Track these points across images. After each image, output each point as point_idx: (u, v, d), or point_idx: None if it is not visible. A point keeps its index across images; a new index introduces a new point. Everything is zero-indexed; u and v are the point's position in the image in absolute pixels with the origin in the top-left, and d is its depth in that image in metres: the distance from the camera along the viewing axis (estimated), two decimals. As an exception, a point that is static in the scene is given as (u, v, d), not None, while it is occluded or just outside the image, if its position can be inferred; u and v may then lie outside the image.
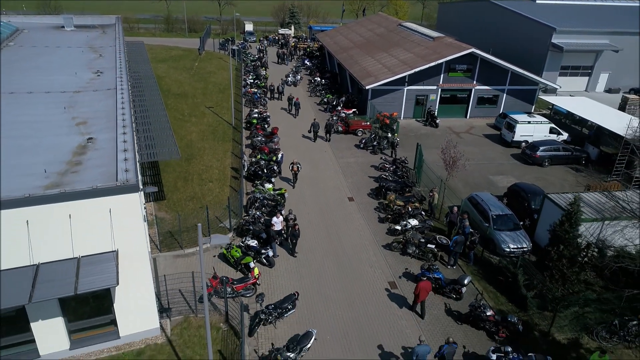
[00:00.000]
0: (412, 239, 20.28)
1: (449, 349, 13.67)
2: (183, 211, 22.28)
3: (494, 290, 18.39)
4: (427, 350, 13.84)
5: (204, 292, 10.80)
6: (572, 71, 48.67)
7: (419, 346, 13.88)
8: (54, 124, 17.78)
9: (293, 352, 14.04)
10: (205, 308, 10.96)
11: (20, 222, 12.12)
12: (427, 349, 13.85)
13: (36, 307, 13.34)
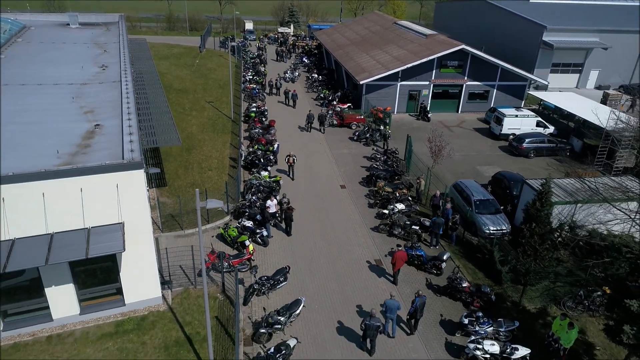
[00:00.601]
0: (397, 221, 21.62)
1: (420, 300, 15.25)
2: (184, 196, 23.64)
3: (473, 267, 19.74)
4: (396, 304, 15.35)
5: (201, 246, 12.11)
6: (563, 68, 49.93)
7: (389, 300, 15.47)
8: (63, 112, 19.15)
9: (283, 316, 15.40)
10: (203, 271, 12.28)
11: (37, 194, 13.51)
12: (397, 304, 15.37)
13: (50, 274, 14.77)
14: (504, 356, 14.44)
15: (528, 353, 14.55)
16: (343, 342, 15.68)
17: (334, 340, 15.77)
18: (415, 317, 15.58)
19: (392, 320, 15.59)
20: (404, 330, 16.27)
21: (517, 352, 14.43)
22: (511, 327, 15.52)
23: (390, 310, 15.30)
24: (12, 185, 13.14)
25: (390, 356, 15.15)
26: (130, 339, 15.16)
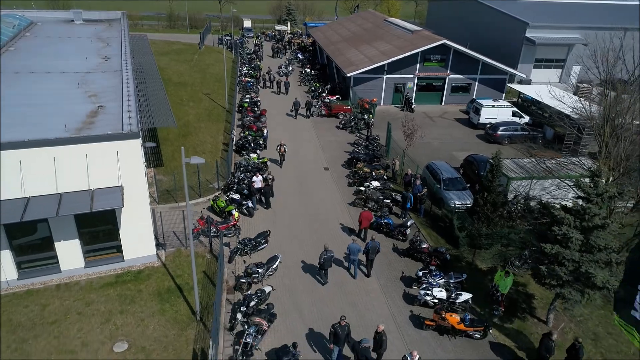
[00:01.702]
0: (371, 196, 23.88)
1: (372, 244, 18.03)
2: (178, 174, 25.94)
3: (436, 235, 22.00)
4: (357, 247, 18.12)
5: (187, 202, 14.36)
6: (545, 64, 52.06)
7: (351, 244, 18.24)
8: (69, 96, 21.45)
9: (261, 268, 17.70)
10: (189, 226, 14.56)
11: (49, 159, 15.83)
12: (358, 247, 18.17)
13: (59, 231, 17.08)
14: (449, 301, 16.67)
15: (469, 297, 16.80)
16: (313, 291, 17.94)
17: (304, 289, 18.04)
18: (368, 258, 18.48)
19: (354, 263, 18.36)
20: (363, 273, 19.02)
21: (460, 297, 16.68)
22: (459, 278, 17.76)
23: (352, 252, 18.11)
24: (28, 150, 15.47)
25: (355, 304, 17.37)
26: (128, 287, 17.47)
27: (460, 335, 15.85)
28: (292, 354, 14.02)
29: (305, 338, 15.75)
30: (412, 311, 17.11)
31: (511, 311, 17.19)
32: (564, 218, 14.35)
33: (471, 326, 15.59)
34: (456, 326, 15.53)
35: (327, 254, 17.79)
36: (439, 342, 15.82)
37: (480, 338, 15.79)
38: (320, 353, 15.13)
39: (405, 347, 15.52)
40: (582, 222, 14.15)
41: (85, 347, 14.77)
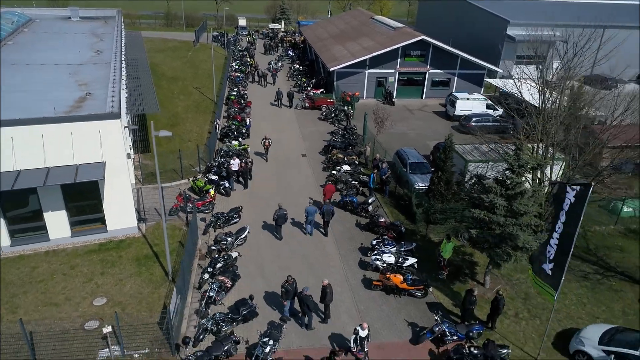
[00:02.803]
0: (341, 178, 25.73)
1: (327, 207, 20.45)
2: (164, 160, 27.82)
3: (397, 212, 23.82)
4: (313, 209, 20.82)
5: (157, 177, 16.21)
6: (527, 60, 53.70)
7: (308, 206, 20.89)
8: (61, 84, 23.35)
9: (230, 237, 19.57)
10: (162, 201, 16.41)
11: (37, 136, 17.73)
12: (314, 209, 20.90)
13: (48, 203, 18.98)
14: (397, 265, 18.50)
15: (415, 262, 18.67)
16: (278, 258, 19.79)
17: (270, 256, 19.91)
18: (324, 219, 21.18)
19: (310, 223, 21.02)
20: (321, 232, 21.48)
21: (407, 262, 18.53)
22: (409, 247, 19.58)
23: (309, 213, 20.69)
24: (19, 127, 17.38)
25: (315, 270, 19.19)
26: (110, 254, 19.38)
27: (404, 294, 17.67)
28: (249, 305, 15.90)
29: (266, 296, 17.59)
30: (364, 275, 18.94)
31: (455, 275, 18.99)
32: (492, 187, 16.17)
33: (413, 285, 17.41)
34: (399, 285, 17.35)
35: (280, 212, 20.51)
36: (385, 300, 17.65)
37: (421, 297, 17.62)
38: (276, 307, 16.97)
39: (354, 305, 17.38)
40: (506, 190, 15.97)
41: (68, 301, 16.67)
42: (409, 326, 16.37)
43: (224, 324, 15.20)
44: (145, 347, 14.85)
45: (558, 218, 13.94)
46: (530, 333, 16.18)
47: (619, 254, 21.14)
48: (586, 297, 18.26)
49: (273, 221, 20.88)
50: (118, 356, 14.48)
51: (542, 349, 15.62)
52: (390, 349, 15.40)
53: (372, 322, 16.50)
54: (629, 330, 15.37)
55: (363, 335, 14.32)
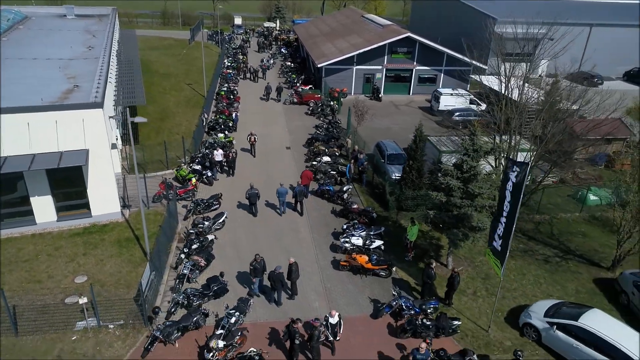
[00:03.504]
0: (320, 168, 26.70)
1: (299, 188, 21.75)
2: (152, 152, 28.83)
3: (372, 200, 24.79)
4: (285, 190, 22.06)
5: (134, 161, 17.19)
6: (515, 58, 54.51)
7: (280, 188, 22.01)
8: (51, 77, 24.35)
9: (207, 221, 20.56)
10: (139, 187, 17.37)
11: (23, 124, 18.73)
12: (285, 190, 22.08)
13: (34, 188, 19.98)
14: (365, 247, 19.44)
15: (382, 244, 19.62)
16: (254, 242, 20.75)
17: (246, 239, 20.86)
18: (297, 200, 22.64)
19: (283, 203, 22.42)
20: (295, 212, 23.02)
21: (374, 244, 19.47)
22: (378, 231, 20.51)
23: (280, 194, 22.10)
24: (5, 115, 18.39)
25: (288, 252, 20.12)
26: (93, 237, 20.39)
27: (369, 274, 18.62)
28: (220, 281, 16.89)
29: (238, 275, 18.56)
30: (335, 257, 19.89)
31: (421, 257, 19.93)
32: (448, 170, 17.12)
33: (377, 265, 18.36)
34: (365, 265, 18.31)
35: (251, 191, 22.41)
36: (351, 280, 18.62)
37: (385, 276, 18.57)
38: (247, 285, 17.94)
39: (322, 283, 18.35)
40: (462, 173, 16.91)
41: (50, 279, 17.68)
42: (371, 303, 17.31)
43: (195, 299, 16.18)
44: (120, 319, 15.83)
45: (505, 197, 14.85)
46: (485, 309, 17.11)
47: (581, 239, 22.05)
48: (543, 277, 19.18)
49: (246, 199, 22.52)
50: (94, 327, 15.47)
51: (496, 324, 16.56)
52: (351, 323, 16.35)
53: (336, 299, 17.52)
54: (572, 304, 16.29)
55: (333, 322, 14.78)
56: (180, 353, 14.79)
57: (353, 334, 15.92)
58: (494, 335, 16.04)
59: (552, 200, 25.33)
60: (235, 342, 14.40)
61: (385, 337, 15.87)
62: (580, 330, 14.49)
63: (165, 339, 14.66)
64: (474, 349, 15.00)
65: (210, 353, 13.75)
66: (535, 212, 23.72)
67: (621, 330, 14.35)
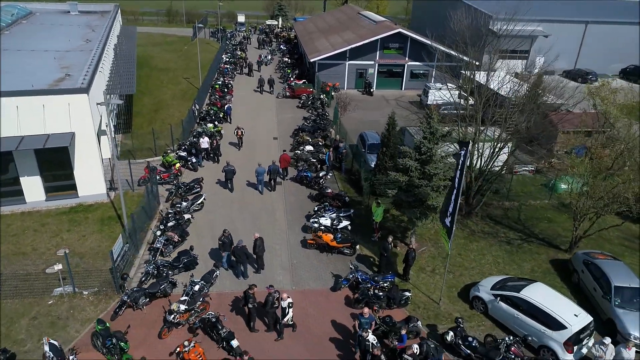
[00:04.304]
0: (301, 156, 27.71)
1: (273, 166, 23.41)
2: (143, 140, 30.05)
3: (349, 186, 25.73)
4: (262, 170, 23.68)
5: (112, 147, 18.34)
6: (510, 55, 55.03)
7: (258, 167, 23.65)
8: (45, 67, 25.64)
9: (185, 202, 21.67)
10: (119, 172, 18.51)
11: (13, 107, 20.01)
12: (263, 170, 23.58)
13: (24, 169, 21.26)
14: (333, 227, 20.37)
15: (348, 224, 20.59)
16: (230, 222, 21.80)
17: (222, 221, 21.91)
18: (271, 178, 24.48)
19: (260, 182, 23.98)
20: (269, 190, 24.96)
21: (341, 224, 20.41)
22: (347, 213, 21.46)
23: (258, 173, 23.71)
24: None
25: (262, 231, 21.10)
26: (78, 215, 21.64)
27: (335, 251, 19.57)
28: (190, 255, 17.97)
29: (211, 252, 19.62)
30: (305, 237, 20.86)
31: (385, 237, 20.75)
32: (407, 152, 18.02)
33: (341, 243, 19.32)
34: (330, 243, 19.26)
35: (227, 167, 24.31)
36: (317, 257, 19.59)
37: (350, 254, 19.51)
38: (217, 259, 18.96)
39: (289, 259, 19.37)
40: (420, 155, 17.79)
41: (34, 251, 18.94)
42: (333, 277, 18.26)
43: (165, 269, 17.27)
44: (95, 287, 16.99)
45: (456, 177, 15.69)
46: (441, 285, 17.93)
47: (546, 224, 22.77)
48: (502, 257, 19.96)
49: (222, 172, 24.56)
50: (70, 293, 16.64)
51: (449, 298, 17.43)
52: (311, 295, 17.34)
53: (300, 274, 18.52)
54: (519, 279, 17.08)
55: (284, 305, 15.12)
56: (147, 317, 15.89)
57: (312, 305, 16.90)
58: (445, 308, 16.89)
59: (526, 189, 26.05)
60: (197, 307, 15.46)
61: (342, 308, 16.81)
62: (521, 301, 15.29)
63: (133, 303, 15.78)
64: (424, 319, 15.90)
65: (172, 315, 14.82)
66: (506, 199, 24.45)
67: (559, 301, 15.11)
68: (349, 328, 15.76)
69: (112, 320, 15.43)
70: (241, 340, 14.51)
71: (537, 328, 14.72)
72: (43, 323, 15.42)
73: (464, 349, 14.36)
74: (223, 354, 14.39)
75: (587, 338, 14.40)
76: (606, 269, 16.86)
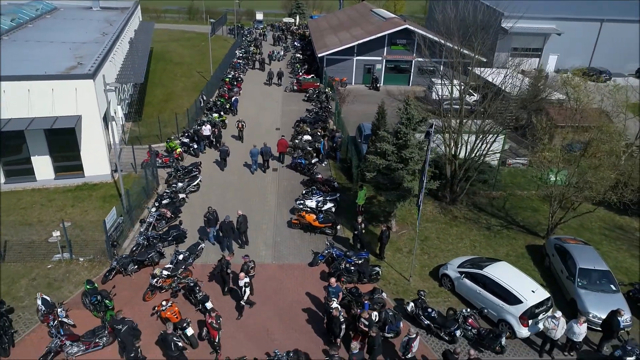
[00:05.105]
0: (298, 145, 28.79)
1: (265, 148, 24.95)
2: (151, 127, 31.65)
3: (342, 174, 26.68)
4: (256, 150, 25.29)
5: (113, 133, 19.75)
6: (522, 53, 54.85)
7: (252, 149, 25.27)
8: (60, 56, 27.40)
9: (181, 182, 23.02)
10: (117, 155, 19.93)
11: (24, 90, 21.71)
12: (257, 150, 25.28)
13: (35, 148, 22.97)
14: (318, 209, 21.36)
15: (332, 206, 21.54)
16: (222, 202, 23.03)
17: (216, 200, 23.14)
18: (264, 159, 26.08)
19: (255, 162, 25.55)
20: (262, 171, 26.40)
21: (325, 206, 21.39)
22: (333, 197, 22.41)
23: (252, 154, 25.38)
24: (9, 82, 21.39)
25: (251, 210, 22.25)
26: (83, 193, 23.26)
27: (317, 231, 20.56)
28: (179, 229, 19.25)
29: (201, 229, 20.85)
30: (291, 218, 21.92)
31: (370, 220, 21.66)
32: (384, 136, 18.87)
33: (323, 223, 20.29)
34: (312, 223, 20.28)
35: (222, 147, 26.61)
36: (301, 236, 20.63)
37: (331, 234, 20.46)
38: (205, 234, 20.17)
39: (273, 237, 20.48)
40: (397, 139, 18.62)
41: (40, 222, 20.57)
42: (312, 254, 19.25)
43: (154, 241, 18.58)
44: (90, 255, 18.45)
45: (427, 160, 16.48)
46: (415, 264, 18.73)
47: (530, 213, 23.22)
48: (479, 242, 20.59)
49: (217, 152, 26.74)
50: (67, 259, 18.13)
51: (421, 277, 18.22)
52: (289, 269, 18.40)
53: (282, 250, 19.62)
54: (486, 259, 17.72)
55: (240, 284, 15.53)
56: (134, 283, 17.22)
57: (288, 278, 17.96)
58: (414, 284, 17.68)
59: (516, 181, 26.48)
60: (180, 274, 16.69)
61: (316, 281, 17.81)
62: (484, 277, 15.98)
63: (123, 269, 17.13)
64: (393, 293, 16.75)
65: (155, 279, 16.10)
66: (493, 189, 24.97)
67: (518, 279, 15.74)
68: (320, 299, 16.73)
69: (102, 284, 16.81)
70: (216, 305, 15.67)
71: (496, 303, 15.40)
72: (41, 284, 16.91)
73: (424, 319, 15.16)
74: (200, 316, 15.57)
75: (544, 314, 14.99)
76: (574, 253, 17.36)
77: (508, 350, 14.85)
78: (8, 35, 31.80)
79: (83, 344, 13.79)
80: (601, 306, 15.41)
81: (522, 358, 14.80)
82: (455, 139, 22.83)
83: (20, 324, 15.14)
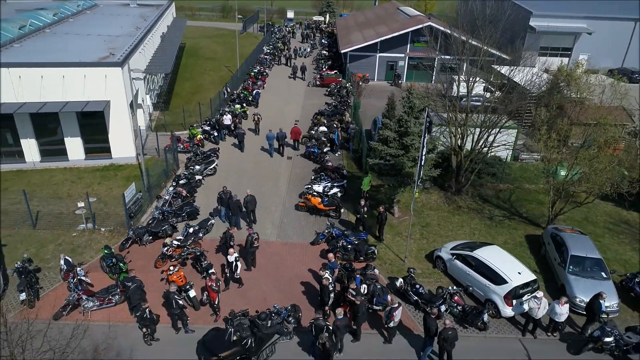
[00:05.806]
0: (313, 135, 29.89)
1: (281, 133, 26.85)
2: (177, 116, 33.45)
3: (353, 163, 27.62)
4: (272, 135, 26.85)
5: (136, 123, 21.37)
6: (551, 52, 54.14)
7: (268, 133, 26.79)
8: (95, 48, 29.47)
9: (199, 165, 24.52)
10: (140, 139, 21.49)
11: (59, 76, 23.69)
12: (273, 135, 26.73)
13: (68, 130, 24.98)
14: (324, 193, 22.37)
15: (338, 191, 22.48)
16: (238, 186, 24.35)
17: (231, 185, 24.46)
18: (280, 144, 27.76)
19: (271, 146, 27.66)
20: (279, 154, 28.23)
21: (331, 190, 22.36)
22: (341, 183, 23.35)
23: (268, 138, 27.08)
24: (46, 68, 23.41)
25: (263, 194, 23.46)
26: (109, 173, 25.12)
27: (322, 214, 21.57)
28: (193, 206, 20.67)
29: (213, 209, 22.21)
30: (299, 202, 23.02)
31: (374, 207, 22.45)
32: (387, 124, 19.68)
33: (327, 206, 21.29)
34: (317, 205, 21.31)
35: (239, 130, 28.70)
36: (306, 218, 21.70)
37: (335, 217, 21.42)
38: (217, 213, 21.52)
39: (280, 218, 21.63)
40: (400, 127, 19.41)
41: (69, 197, 22.45)
42: (315, 234, 20.27)
43: (169, 215, 20.06)
44: (111, 226, 20.12)
45: (423, 145, 17.22)
46: (412, 247, 19.47)
47: (534, 206, 23.47)
48: (479, 230, 21.09)
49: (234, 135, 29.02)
50: (90, 229, 19.85)
51: (417, 259, 18.96)
52: (292, 247, 19.50)
53: (287, 229, 20.78)
54: (479, 243, 18.25)
55: (231, 260, 16.40)
56: (148, 252, 18.72)
57: (290, 255, 19.07)
58: (409, 265, 18.41)
59: (525, 175, 26.69)
60: (189, 245, 18.06)
61: (316, 259, 18.83)
62: (473, 259, 16.59)
63: (138, 239, 18.67)
64: (387, 272, 17.60)
65: (165, 247, 17.53)
66: (500, 182, 25.30)
67: (507, 261, 16.28)
68: (319, 275, 17.74)
69: (120, 251, 18.39)
70: (220, 274, 16.92)
71: (483, 283, 16.00)
72: (66, 249, 18.65)
73: (412, 295, 15.94)
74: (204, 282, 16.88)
75: (529, 295, 15.49)
76: (568, 241, 17.71)
77: (492, 329, 15.45)
78: (50, 28, 34.33)
79: (97, 300, 15.31)
80: (588, 292, 15.75)
81: (506, 336, 15.36)
82: (462, 131, 23.33)
83: (46, 282, 16.86)
